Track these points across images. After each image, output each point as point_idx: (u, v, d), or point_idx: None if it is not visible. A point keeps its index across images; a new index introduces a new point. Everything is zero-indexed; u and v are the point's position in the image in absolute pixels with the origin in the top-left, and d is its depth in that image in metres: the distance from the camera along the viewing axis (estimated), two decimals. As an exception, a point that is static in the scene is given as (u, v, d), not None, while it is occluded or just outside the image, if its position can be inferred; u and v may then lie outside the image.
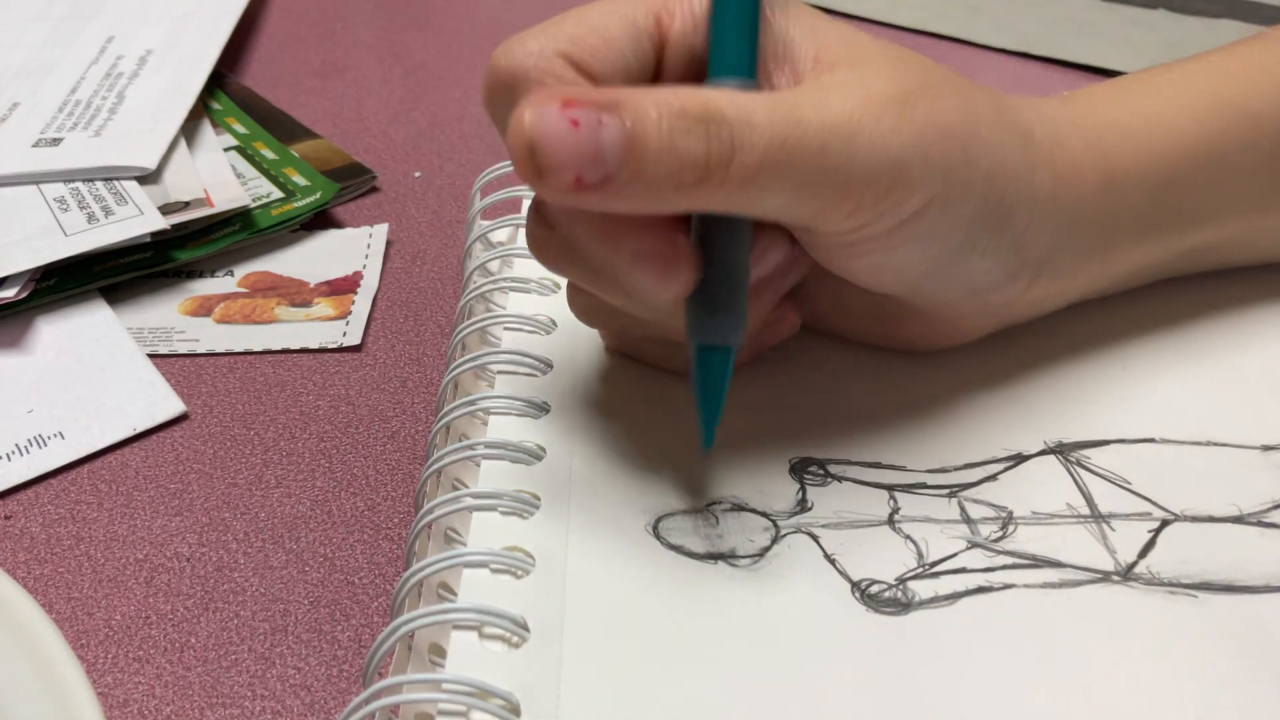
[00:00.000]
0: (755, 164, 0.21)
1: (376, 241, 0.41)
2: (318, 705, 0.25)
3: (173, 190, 0.41)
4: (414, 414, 0.33)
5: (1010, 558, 0.24)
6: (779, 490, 0.26)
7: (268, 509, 0.30)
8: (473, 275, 0.33)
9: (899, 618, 0.23)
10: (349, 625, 0.27)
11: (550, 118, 0.20)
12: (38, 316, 0.37)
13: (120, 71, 0.50)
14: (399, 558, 0.29)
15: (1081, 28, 0.56)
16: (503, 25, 0.60)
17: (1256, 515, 0.25)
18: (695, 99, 0.21)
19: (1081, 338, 0.30)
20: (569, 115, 0.20)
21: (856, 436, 0.27)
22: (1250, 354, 0.30)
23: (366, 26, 0.61)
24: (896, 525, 0.25)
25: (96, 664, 0.26)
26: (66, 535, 0.30)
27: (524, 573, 0.23)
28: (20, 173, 0.42)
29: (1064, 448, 0.27)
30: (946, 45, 0.56)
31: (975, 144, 0.24)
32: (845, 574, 0.24)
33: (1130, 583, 0.24)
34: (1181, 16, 0.56)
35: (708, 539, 0.24)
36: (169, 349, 0.36)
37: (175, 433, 0.33)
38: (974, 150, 0.24)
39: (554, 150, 0.20)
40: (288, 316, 0.38)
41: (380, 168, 0.46)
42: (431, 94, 0.53)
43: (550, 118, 0.20)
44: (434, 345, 0.36)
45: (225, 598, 0.28)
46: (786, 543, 0.24)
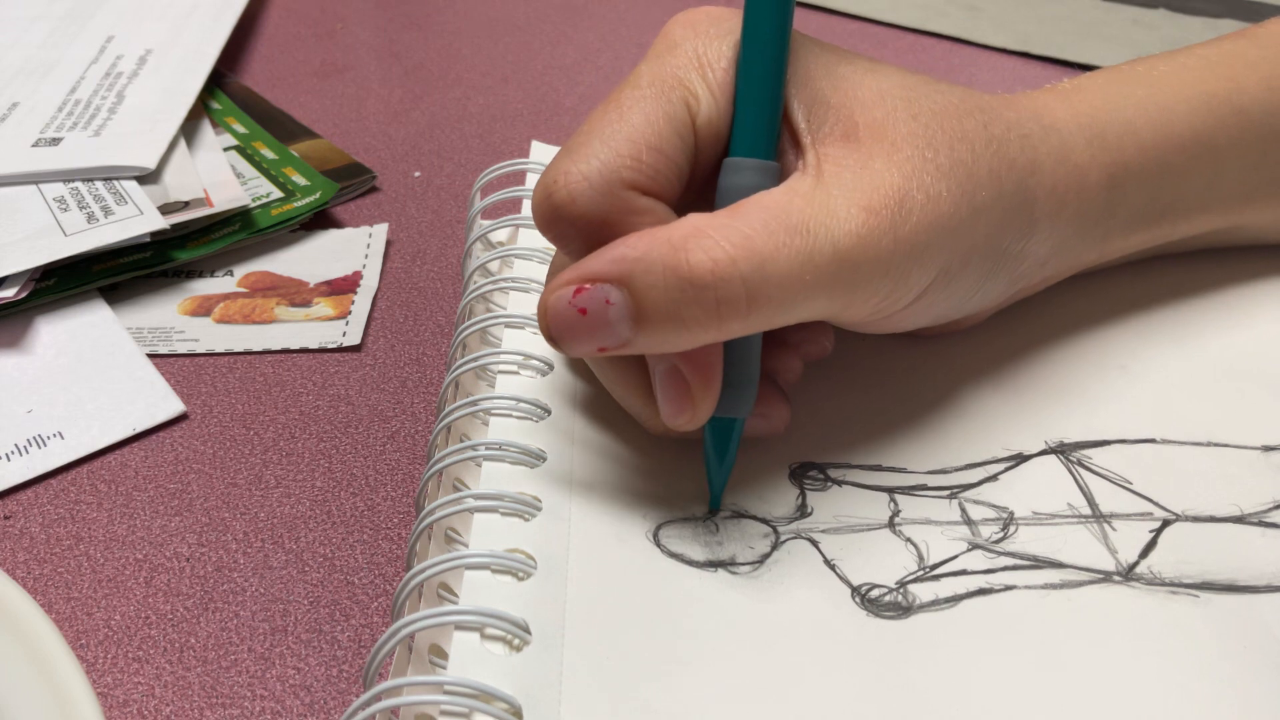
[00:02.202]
0: (772, 306, 0.22)
1: (376, 241, 0.41)
2: (318, 705, 0.25)
3: (172, 190, 0.41)
4: (414, 414, 0.33)
5: (1011, 559, 0.24)
6: (779, 496, 0.26)
7: (267, 509, 0.30)
8: (473, 275, 0.33)
9: (900, 622, 0.23)
10: (349, 625, 0.27)
11: (560, 308, 0.22)
12: (37, 316, 0.37)
13: (120, 71, 0.50)
14: (399, 558, 0.29)
15: (1081, 27, 0.56)
16: (503, 25, 0.60)
17: (1257, 515, 0.25)
18: (704, 263, 0.21)
19: (1082, 338, 0.30)
20: (578, 304, 0.22)
21: (856, 439, 0.27)
22: (1251, 354, 0.30)
23: (366, 26, 0.61)
24: (897, 528, 0.25)
25: (96, 664, 0.26)
26: (66, 535, 0.30)
27: (525, 575, 0.23)
28: (20, 172, 0.42)
29: (1065, 448, 0.27)
30: (946, 45, 0.56)
31: (971, 217, 0.24)
32: (845, 579, 0.24)
33: (1132, 583, 0.24)
34: (1182, 16, 0.56)
35: (708, 546, 0.24)
36: (169, 349, 0.36)
37: (175, 433, 0.33)
38: (970, 223, 0.24)
39: (569, 335, 0.23)
40: (287, 316, 0.38)
41: (380, 167, 0.46)
42: (431, 94, 0.53)
43: (560, 308, 0.22)
44: (434, 345, 0.36)
45: (225, 598, 0.28)
46: (786, 549, 0.24)
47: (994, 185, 0.25)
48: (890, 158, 0.23)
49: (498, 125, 0.50)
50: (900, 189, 0.23)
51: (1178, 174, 0.29)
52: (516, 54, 0.56)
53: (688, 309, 0.22)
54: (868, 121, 0.24)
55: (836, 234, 0.22)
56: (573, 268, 0.23)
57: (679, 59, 0.25)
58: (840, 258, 0.22)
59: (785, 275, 0.22)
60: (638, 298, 0.22)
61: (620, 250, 0.22)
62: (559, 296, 0.22)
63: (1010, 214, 0.25)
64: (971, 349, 0.30)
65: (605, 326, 0.22)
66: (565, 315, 0.22)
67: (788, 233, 0.22)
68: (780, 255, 0.22)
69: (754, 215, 0.22)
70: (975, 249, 0.25)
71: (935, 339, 0.30)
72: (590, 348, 0.23)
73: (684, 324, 0.22)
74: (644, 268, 0.22)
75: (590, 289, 0.22)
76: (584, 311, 0.22)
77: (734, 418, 0.25)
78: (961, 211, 0.24)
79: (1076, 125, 0.27)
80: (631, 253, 0.22)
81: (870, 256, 0.23)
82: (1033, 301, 0.31)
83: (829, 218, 0.22)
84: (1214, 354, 0.30)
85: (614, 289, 0.22)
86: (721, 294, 0.21)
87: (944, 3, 0.59)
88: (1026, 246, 0.27)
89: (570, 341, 0.23)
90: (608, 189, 0.23)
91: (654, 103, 0.24)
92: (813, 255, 0.22)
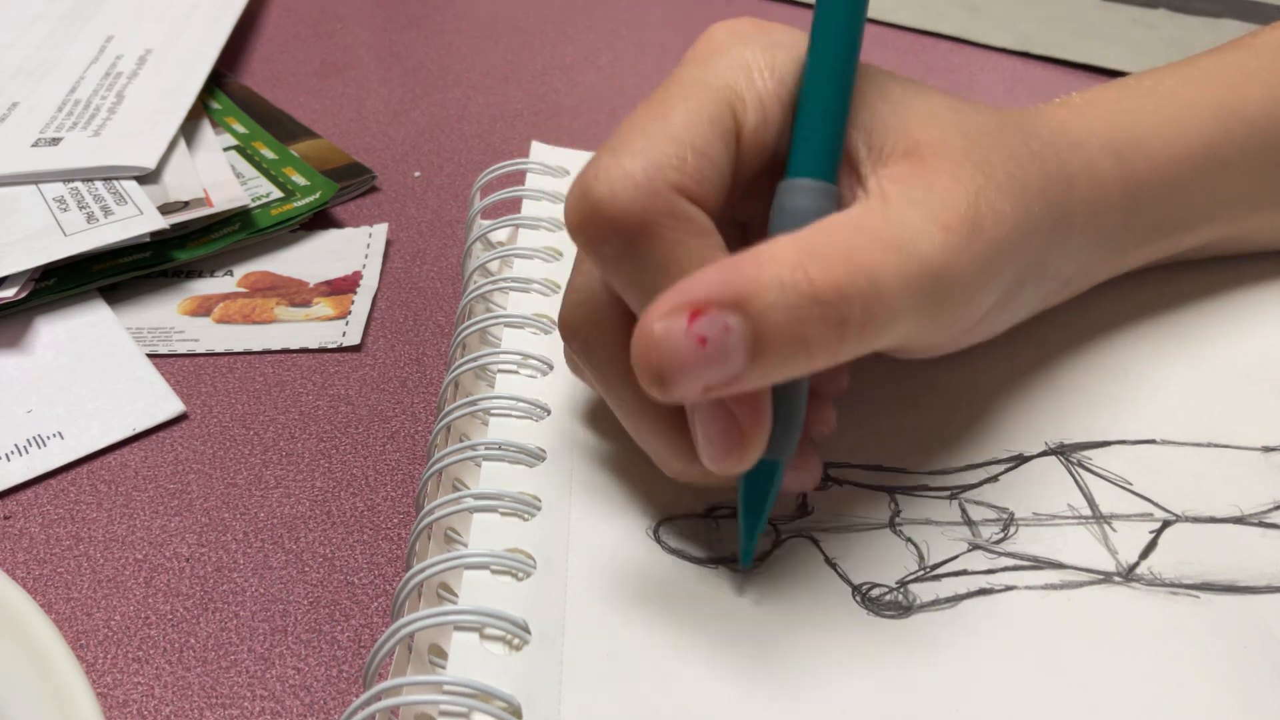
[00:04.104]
0: (879, 323, 0.20)
1: (376, 241, 0.41)
2: (317, 705, 0.25)
3: (172, 190, 0.41)
4: (414, 414, 0.33)
5: (1011, 559, 0.24)
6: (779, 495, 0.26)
7: (267, 509, 0.30)
8: (473, 275, 0.33)
9: (900, 621, 0.23)
10: (349, 625, 0.27)
11: (676, 339, 0.19)
12: (37, 316, 0.37)
13: (120, 71, 0.50)
14: (399, 558, 0.29)
15: (1081, 27, 0.56)
16: (503, 25, 0.60)
17: (1257, 516, 0.25)
18: (827, 279, 0.20)
19: (1082, 339, 0.30)
20: (696, 332, 0.19)
21: (857, 439, 0.27)
22: (1251, 355, 0.30)
23: (366, 26, 0.61)
24: (897, 528, 0.25)
25: (96, 664, 0.26)
26: (66, 535, 0.29)
27: (525, 575, 0.23)
28: (19, 172, 0.42)
29: (1065, 449, 0.27)
30: (946, 45, 0.56)
31: (1029, 234, 0.24)
32: (846, 578, 0.24)
33: (1132, 583, 0.24)
34: (1182, 16, 0.56)
35: (709, 544, 0.24)
36: (168, 349, 0.36)
37: (174, 433, 0.33)
38: (1027, 240, 0.24)
39: (683, 371, 0.20)
40: (287, 316, 0.38)
41: (380, 167, 0.46)
42: (431, 94, 0.53)
43: (676, 339, 0.19)
44: (434, 345, 0.36)
45: (225, 598, 0.28)
46: (787, 547, 0.24)
47: (1042, 200, 0.24)
48: (955, 175, 0.23)
49: (498, 125, 0.50)
50: (970, 206, 0.22)
51: (1187, 187, 0.29)
52: (516, 54, 0.56)
53: (813, 329, 0.20)
54: (927, 140, 0.23)
55: (924, 250, 0.21)
56: (672, 292, 0.20)
57: (725, 63, 0.23)
58: (930, 274, 0.21)
59: (891, 292, 0.20)
60: (758, 321, 0.19)
61: (723, 274, 0.20)
62: (670, 326, 0.19)
63: (1055, 229, 0.25)
64: (970, 350, 0.30)
65: (724, 358, 0.19)
66: (681, 347, 0.19)
67: (884, 250, 0.21)
68: (885, 272, 0.20)
69: (847, 234, 0.21)
70: (1030, 266, 0.25)
71: None
72: (699, 386, 0.20)
73: (807, 347, 0.20)
74: (762, 287, 0.19)
75: (707, 314, 0.19)
76: (704, 341, 0.19)
77: (775, 460, 0.23)
78: (1022, 227, 0.23)
79: (1096, 141, 0.27)
80: (741, 275, 0.19)
81: (954, 273, 0.22)
82: (1033, 302, 0.31)
83: (915, 235, 0.21)
84: (1214, 355, 0.30)
85: (731, 314, 0.19)
86: (845, 312, 0.20)
87: (944, 3, 0.59)
88: (1061, 264, 0.27)
89: (682, 378, 0.19)
90: (652, 188, 0.21)
91: (700, 104, 0.22)
92: (910, 272, 0.21)
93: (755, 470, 0.23)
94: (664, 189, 0.21)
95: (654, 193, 0.21)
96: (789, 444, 0.23)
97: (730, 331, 0.19)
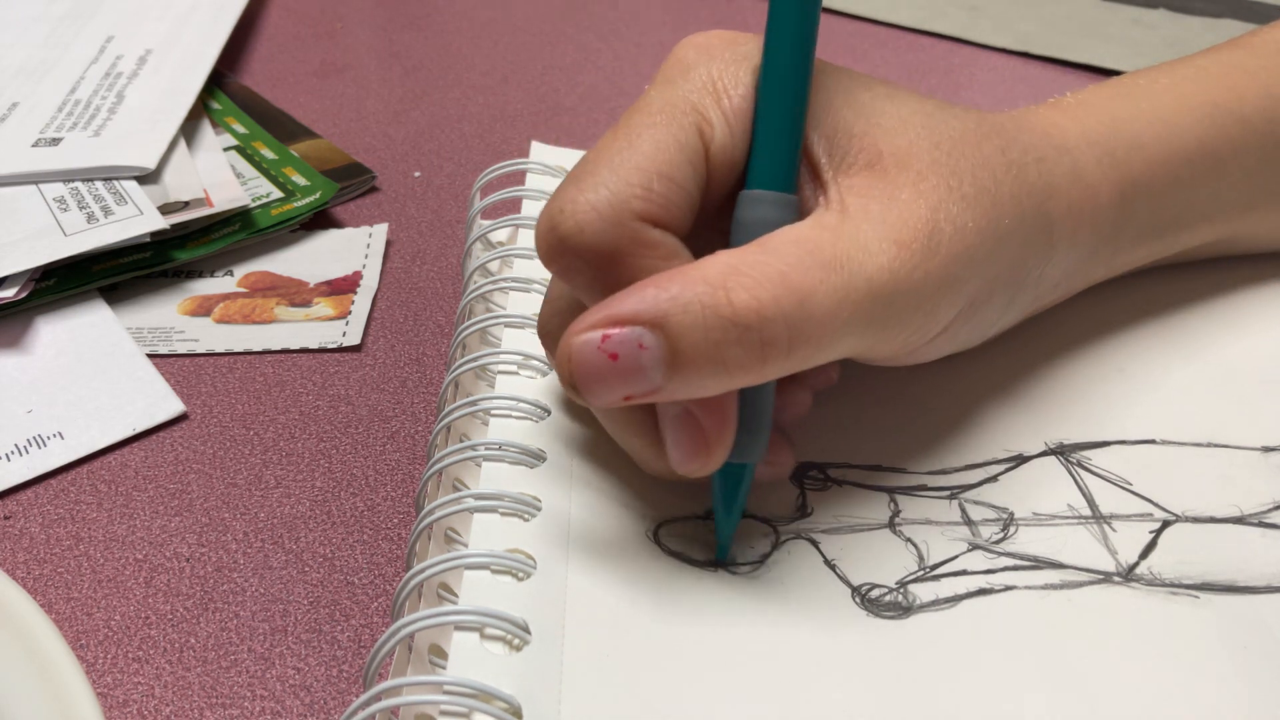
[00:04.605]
0: (813, 346, 0.21)
1: (376, 241, 0.41)
2: (317, 705, 0.25)
3: (172, 190, 0.41)
4: (414, 414, 0.33)
5: (1011, 559, 0.24)
6: (779, 496, 0.26)
7: (267, 509, 0.30)
8: (473, 276, 0.33)
9: (900, 621, 0.23)
10: (349, 625, 0.27)
11: (589, 354, 0.21)
12: (37, 316, 0.37)
13: (120, 71, 0.50)
14: (399, 558, 0.29)
15: (1081, 27, 0.56)
16: (502, 25, 0.60)
17: (1257, 516, 0.25)
18: (747, 303, 0.20)
19: (1082, 339, 0.30)
20: (608, 349, 0.20)
21: (856, 440, 0.27)
22: (1250, 355, 0.30)
23: (366, 26, 0.61)
24: (897, 528, 0.25)
25: (96, 664, 0.26)
26: (66, 535, 0.30)
27: (525, 575, 0.23)
28: (20, 172, 0.42)
29: (1065, 449, 0.27)
30: (946, 45, 0.56)
31: (996, 246, 0.24)
32: (845, 579, 0.24)
33: (1131, 584, 0.24)
34: (1182, 16, 0.56)
35: (708, 545, 0.24)
36: (168, 349, 0.36)
37: (175, 433, 0.33)
38: (995, 252, 0.24)
39: (595, 383, 0.21)
40: (287, 316, 0.38)
41: (380, 167, 0.46)
42: (431, 94, 0.53)
43: (589, 354, 0.21)
44: (434, 345, 0.36)
45: (225, 598, 0.28)
46: (787, 549, 0.24)
47: (1015, 211, 0.24)
48: (917, 188, 0.23)
49: (498, 125, 0.50)
50: (929, 221, 0.22)
51: (1184, 186, 0.28)
52: (516, 54, 0.56)
53: (730, 351, 0.20)
54: (891, 150, 0.23)
55: (869, 269, 0.21)
56: (596, 309, 0.21)
57: (692, 84, 0.23)
58: (874, 293, 0.21)
59: (825, 313, 0.21)
60: (674, 341, 0.20)
61: (651, 291, 0.21)
62: (585, 341, 0.21)
63: (1031, 240, 0.25)
64: (971, 351, 0.30)
65: (637, 373, 0.20)
66: (592, 362, 0.21)
67: (823, 269, 0.21)
68: (819, 292, 0.21)
69: (787, 251, 0.21)
70: (999, 278, 0.25)
71: None
72: (617, 396, 0.21)
73: (725, 367, 0.20)
74: (680, 307, 0.20)
75: (620, 332, 0.20)
76: (615, 357, 0.20)
77: (745, 463, 0.23)
78: (988, 241, 0.23)
79: (1087, 144, 0.27)
80: (665, 293, 0.20)
81: (903, 290, 0.22)
82: (1033, 302, 0.31)
83: (861, 252, 0.21)
84: (1213, 355, 0.30)
85: (648, 332, 0.20)
86: (766, 334, 0.20)
87: (944, 3, 0.59)
88: (1045, 271, 0.26)
89: (596, 389, 0.21)
90: (617, 220, 0.22)
91: (665, 129, 0.23)
92: (849, 291, 0.21)
93: (725, 471, 0.23)
94: (629, 218, 0.22)
95: (619, 223, 0.22)
96: (756, 448, 0.23)
97: (645, 350, 0.20)
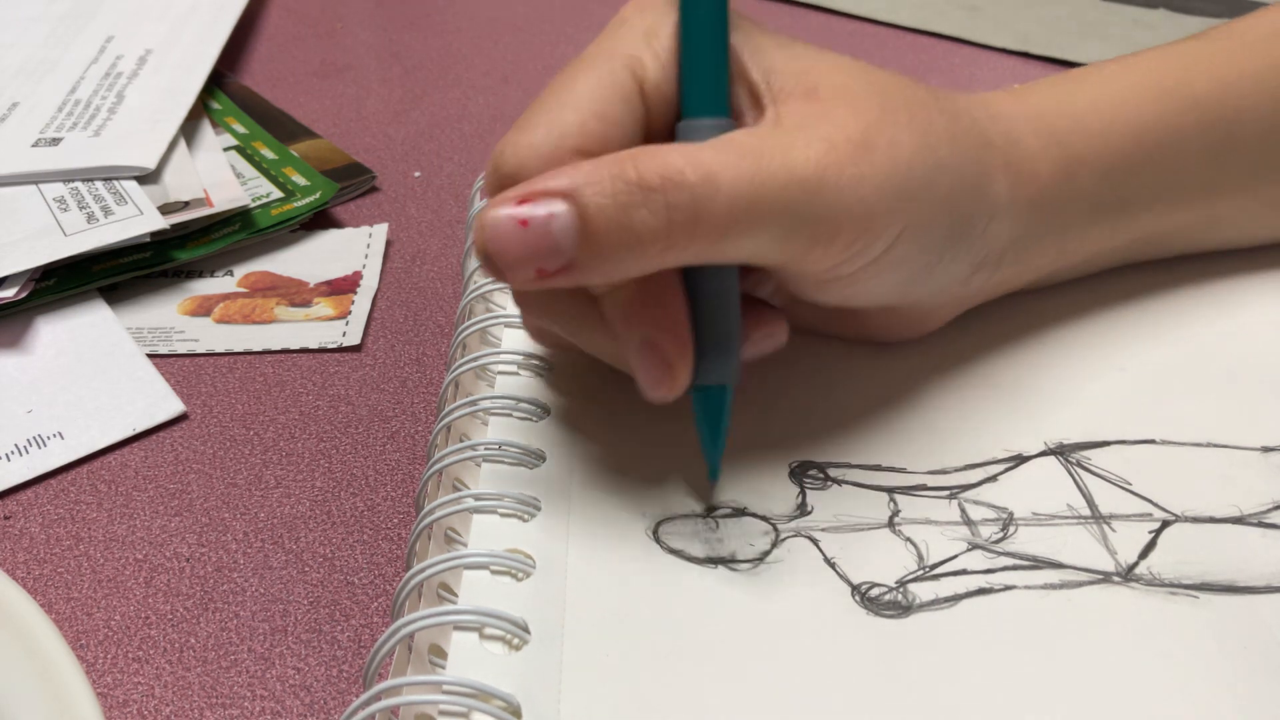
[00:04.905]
0: (722, 222, 0.21)
1: (376, 241, 0.41)
2: (317, 705, 0.25)
3: (172, 190, 0.41)
4: (414, 414, 0.33)
5: (1011, 559, 0.24)
6: (779, 494, 0.26)
7: (267, 509, 0.30)
8: (473, 275, 0.33)
9: (899, 620, 0.23)
10: (349, 625, 0.27)
11: (499, 222, 0.21)
12: (37, 316, 0.37)
13: (120, 71, 0.50)
14: (399, 558, 0.29)
15: (1081, 27, 0.56)
16: (503, 25, 0.60)
17: (1257, 516, 0.25)
18: (652, 167, 0.21)
19: (1082, 339, 0.30)
20: (518, 215, 0.21)
21: (856, 439, 0.27)
22: (1250, 355, 0.30)
23: (366, 26, 0.61)
24: (897, 528, 0.25)
25: (96, 664, 0.26)
26: (66, 535, 0.30)
27: (525, 575, 0.23)
28: (20, 172, 0.42)
29: (1064, 449, 0.27)
30: (946, 45, 0.56)
31: (934, 170, 0.24)
32: (845, 577, 0.24)
33: (1131, 583, 0.24)
34: (1182, 16, 0.56)
35: (708, 543, 0.24)
36: (168, 349, 0.36)
37: (174, 433, 0.33)
38: (934, 176, 0.24)
39: (507, 252, 0.22)
40: (287, 316, 0.38)
41: (380, 167, 0.46)
42: (431, 94, 0.53)
43: (499, 222, 0.21)
44: (434, 345, 0.36)
45: (225, 598, 0.28)
46: (786, 547, 0.24)
47: (953, 147, 0.25)
48: (853, 108, 0.23)
49: (498, 125, 0.50)
50: (862, 131, 0.23)
51: (1136, 164, 0.29)
52: (516, 54, 0.57)
53: (637, 214, 0.21)
54: (829, 85, 0.24)
55: (793, 159, 0.22)
56: (512, 189, 0.22)
57: (626, 33, 0.25)
58: (796, 183, 0.22)
59: (733, 190, 0.21)
60: (584, 207, 0.21)
61: (566, 169, 0.22)
62: (498, 213, 0.21)
63: (969, 179, 0.25)
64: (970, 350, 0.30)
65: (548, 242, 0.21)
66: (505, 230, 0.21)
67: (737, 155, 0.22)
68: (727, 171, 0.21)
69: (701, 145, 0.22)
70: (939, 208, 0.25)
71: (929, 339, 0.30)
72: (530, 269, 0.22)
73: (633, 233, 0.21)
74: (589, 178, 0.21)
75: (533, 202, 0.21)
76: (525, 224, 0.21)
77: (722, 385, 0.24)
78: (925, 162, 0.24)
79: (1024, 118, 0.28)
80: (577, 170, 0.21)
81: (831, 186, 0.22)
82: (1031, 303, 0.31)
83: (786, 147, 0.22)
84: (1213, 355, 0.30)
85: (559, 201, 0.21)
86: (671, 199, 0.21)
87: (944, 3, 0.59)
88: (989, 227, 0.27)
89: (509, 260, 0.22)
90: (555, 156, 0.23)
91: (598, 73, 0.24)
92: (763, 175, 0.22)
93: (705, 396, 0.24)
94: (567, 155, 0.23)
95: (558, 160, 0.23)
96: (727, 369, 0.24)
97: (554, 218, 0.21)
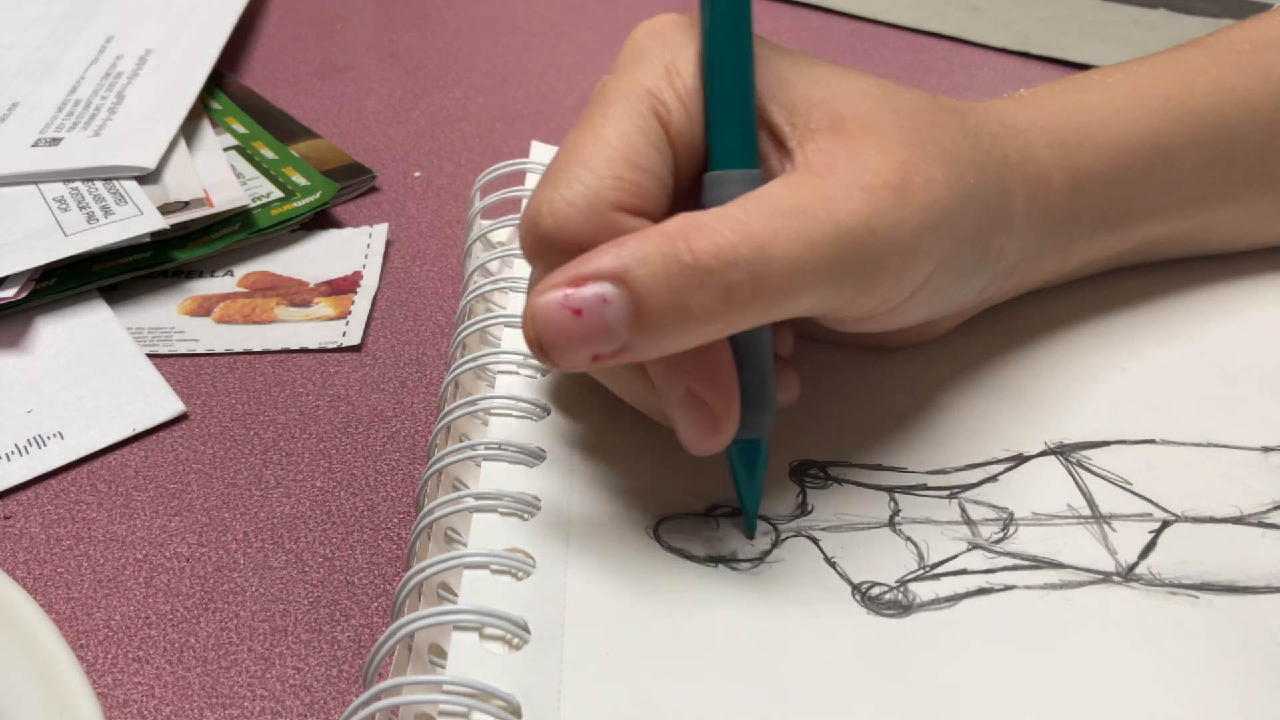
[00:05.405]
0: (779, 291, 0.21)
1: (376, 241, 0.41)
2: (317, 705, 0.25)
3: (172, 190, 0.41)
4: (414, 414, 0.33)
5: (1011, 559, 0.24)
6: (779, 493, 0.26)
7: (267, 509, 0.30)
8: (473, 275, 0.33)
9: (900, 620, 0.23)
10: (349, 625, 0.27)
11: (551, 310, 0.21)
12: (37, 316, 0.37)
13: (120, 71, 0.50)
14: (399, 558, 0.29)
15: (1081, 27, 0.56)
16: (503, 25, 0.60)
17: (1257, 516, 0.25)
18: (706, 248, 0.21)
19: (1082, 338, 0.30)
20: (571, 305, 0.21)
21: (857, 439, 0.27)
22: (1251, 355, 0.30)
23: (366, 26, 0.61)
24: (897, 527, 0.25)
25: (96, 664, 0.26)
26: (66, 535, 0.30)
27: (525, 574, 0.23)
28: (20, 172, 0.42)
29: (1064, 449, 0.27)
30: (946, 45, 0.56)
31: (964, 201, 0.24)
32: (846, 576, 0.24)
33: (1131, 583, 0.24)
34: (1182, 16, 0.56)
35: (708, 542, 0.24)
36: (168, 349, 0.36)
37: (174, 433, 0.33)
38: (963, 207, 0.24)
39: (561, 342, 0.21)
40: (287, 316, 0.38)
41: (380, 168, 0.46)
42: (431, 94, 0.53)
43: (551, 310, 0.21)
44: (434, 345, 0.36)
45: (225, 598, 0.28)
46: (787, 546, 0.24)
47: (978, 173, 0.25)
48: (882, 145, 0.23)
49: (498, 125, 0.50)
50: (898, 173, 0.23)
51: (1135, 177, 0.29)
52: (516, 54, 0.56)
53: (694, 297, 0.20)
54: (853, 114, 0.24)
55: (838, 214, 0.22)
56: (559, 271, 0.21)
57: (646, 70, 0.24)
58: (844, 237, 0.22)
59: (787, 257, 0.21)
60: (638, 292, 0.20)
61: (612, 248, 0.21)
62: (549, 299, 0.21)
63: (993, 204, 0.25)
64: (971, 350, 0.30)
65: (601, 329, 0.21)
66: (557, 319, 0.21)
67: (784, 216, 0.21)
68: (780, 236, 0.21)
69: (748, 204, 0.22)
70: (967, 237, 0.25)
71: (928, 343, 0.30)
72: (584, 356, 0.21)
73: (689, 316, 0.21)
74: (641, 259, 0.21)
75: (584, 288, 0.21)
76: (579, 313, 0.21)
77: (758, 437, 0.24)
78: (956, 196, 0.24)
79: (1037, 130, 0.28)
80: (624, 249, 0.21)
81: (877, 235, 0.22)
82: (1032, 304, 0.31)
83: (827, 200, 0.22)
84: (1213, 355, 0.30)
85: (610, 286, 0.21)
86: (728, 279, 0.21)
87: (944, 3, 0.59)
88: (1005, 245, 0.27)
89: (562, 348, 0.21)
90: (594, 212, 0.22)
91: (625, 119, 0.23)
92: (813, 236, 0.21)
93: (743, 450, 0.24)
94: (605, 210, 0.22)
95: (596, 215, 0.22)
96: (764, 421, 0.24)
97: (609, 303, 0.21)
